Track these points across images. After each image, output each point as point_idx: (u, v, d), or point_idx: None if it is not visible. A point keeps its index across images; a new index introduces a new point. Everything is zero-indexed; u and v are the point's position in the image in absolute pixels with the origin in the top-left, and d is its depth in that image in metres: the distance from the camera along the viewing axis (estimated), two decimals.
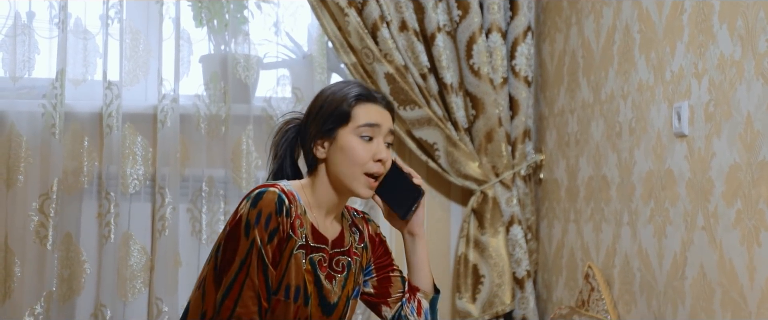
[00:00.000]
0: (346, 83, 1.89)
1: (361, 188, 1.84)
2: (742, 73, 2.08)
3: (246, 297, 1.71)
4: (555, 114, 3.31)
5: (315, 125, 1.85)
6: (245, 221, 1.73)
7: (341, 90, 1.86)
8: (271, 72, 3.40)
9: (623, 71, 2.72)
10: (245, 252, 1.71)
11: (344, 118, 1.83)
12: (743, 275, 2.05)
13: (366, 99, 1.85)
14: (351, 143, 1.82)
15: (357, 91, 1.85)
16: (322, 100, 1.87)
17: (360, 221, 2.01)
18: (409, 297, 1.99)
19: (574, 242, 3.07)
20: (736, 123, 2.09)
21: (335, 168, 1.84)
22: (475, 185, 3.32)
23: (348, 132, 1.82)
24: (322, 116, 1.84)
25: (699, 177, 2.25)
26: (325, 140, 1.84)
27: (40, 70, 3.21)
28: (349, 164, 1.82)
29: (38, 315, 3.10)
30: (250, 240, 1.71)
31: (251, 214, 1.73)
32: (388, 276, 2.02)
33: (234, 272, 1.71)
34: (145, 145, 3.24)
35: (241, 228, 1.73)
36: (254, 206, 1.73)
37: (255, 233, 1.71)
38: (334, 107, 1.84)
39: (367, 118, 1.83)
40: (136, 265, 3.20)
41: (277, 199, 1.74)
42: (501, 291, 3.28)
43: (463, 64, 3.29)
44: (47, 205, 3.12)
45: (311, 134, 1.86)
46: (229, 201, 3.27)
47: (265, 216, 1.72)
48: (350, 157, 1.82)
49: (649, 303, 2.50)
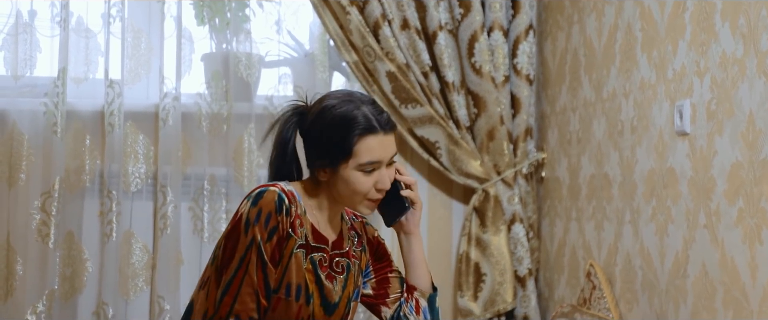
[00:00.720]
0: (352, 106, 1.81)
1: (363, 209, 1.88)
2: (744, 72, 2.08)
3: (244, 294, 1.72)
4: (557, 112, 3.30)
5: (315, 152, 1.83)
6: (245, 219, 1.73)
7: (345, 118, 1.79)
8: (272, 70, 3.40)
9: (625, 69, 2.71)
10: (244, 249, 1.72)
11: (346, 154, 1.80)
12: (745, 273, 2.05)
13: (369, 131, 1.80)
14: (352, 177, 1.82)
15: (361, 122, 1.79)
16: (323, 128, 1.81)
17: (358, 225, 2.01)
18: (407, 296, 1.99)
19: (575, 240, 3.07)
20: (738, 121, 2.09)
21: (338, 192, 1.85)
22: (477, 184, 3.32)
23: (350, 168, 1.81)
24: (323, 146, 1.81)
25: (701, 175, 2.25)
26: (326, 169, 1.84)
27: (41, 68, 3.21)
28: (351, 193, 1.84)
29: (40, 313, 3.10)
30: (249, 238, 1.72)
31: (251, 212, 1.74)
32: (386, 276, 2.02)
33: (233, 269, 1.72)
34: (146, 143, 3.24)
35: (241, 226, 1.74)
36: (254, 204, 1.74)
37: (254, 231, 1.72)
38: (337, 141, 1.79)
39: (369, 156, 1.81)
40: (138, 263, 3.20)
41: (276, 198, 1.75)
42: (503, 289, 3.28)
43: (465, 63, 3.28)
44: (49, 203, 3.12)
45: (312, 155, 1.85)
46: (230, 200, 3.27)
47: (265, 215, 1.73)
48: (352, 189, 1.83)
49: (651, 302, 2.50)
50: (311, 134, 1.84)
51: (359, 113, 1.81)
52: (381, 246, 2.04)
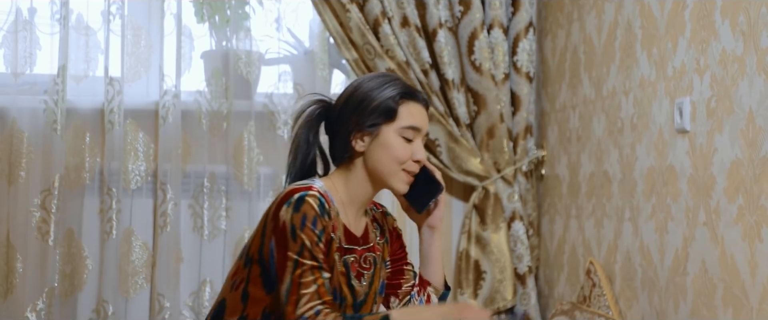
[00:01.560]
0: (387, 77, 1.86)
1: (399, 183, 1.86)
2: (743, 69, 2.08)
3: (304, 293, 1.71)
4: (556, 110, 3.30)
5: (355, 117, 1.82)
6: (290, 226, 1.72)
7: (385, 85, 1.83)
8: (272, 68, 3.40)
9: (625, 67, 2.71)
10: (297, 254, 1.71)
11: (390, 115, 1.81)
12: (745, 271, 2.05)
13: (410, 98, 1.84)
14: (394, 141, 1.82)
15: (402, 88, 1.84)
16: (364, 93, 1.83)
17: (380, 216, 2.01)
18: (420, 289, 1.99)
19: (575, 238, 3.07)
20: (738, 119, 2.09)
21: (374, 163, 1.84)
22: (477, 181, 3.32)
23: (391, 130, 1.82)
24: (364, 109, 1.82)
25: (701, 173, 2.25)
26: (365, 134, 1.83)
27: (41, 66, 3.21)
28: (390, 161, 1.82)
29: (40, 311, 3.10)
30: (299, 244, 1.71)
31: (295, 218, 1.72)
32: (401, 268, 2.02)
33: (289, 272, 1.71)
34: (146, 141, 3.24)
35: (287, 233, 1.72)
36: (297, 210, 1.72)
37: (303, 236, 1.71)
38: (380, 103, 1.81)
39: (411, 120, 1.83)
40: (138, 261, 3.20)
41: (318, 202, 1.74)
42: (502, 286, 3.28)
43: (465, 60, 3.28)
44: (49, 201, 3.12)
45: (350, 125, 1.83)
46: (230, 197, 3.27)
47: (311, 219, 1.72)
48: (392, 154, 1.82)
49: (651, 299, 2.51)
50: (351, 103, 1.84)
51: (401, 81, 1.86)
52: (400, 237, 2.04)
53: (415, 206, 1.93)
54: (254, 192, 3.28)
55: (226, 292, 1.81)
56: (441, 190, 1.92)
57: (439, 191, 1.91)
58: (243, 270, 1.79)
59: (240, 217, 3.27)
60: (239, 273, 1.80)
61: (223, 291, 1.83)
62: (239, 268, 1.80)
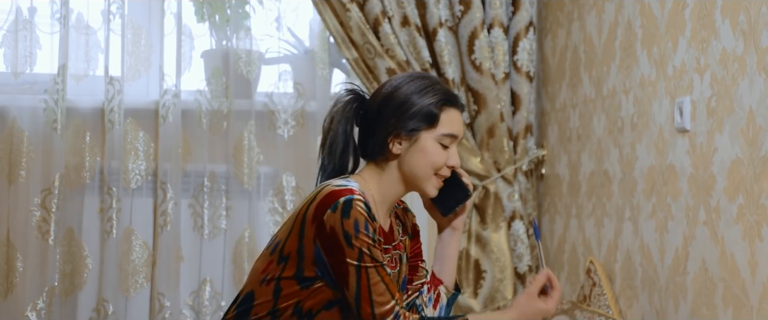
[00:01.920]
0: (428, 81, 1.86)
1: (431, 188, 1.87)
2: (744, 69, 2.08)
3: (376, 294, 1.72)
4: (557, 109, 3.30)
5: (395, 120, 1.82)
6: (343, 233, 1.72)
7: (426, 89, 1.83)
8: (272, 67, 3.40)
9: (625, 66, 2.71)
10: (357, 259, 1.72)
11: (431, 121, 1.82)
12: (745, 270, 2.05)
13: (451, 104, 1.85)
14: (431, 147, 1.83)
15: (443, 94, 1.84)
16: (405, 95, 1.83)
17: (401, 212, 2.01)
18: (431, 286, 1.99)
19: (575, 237, 3.07)
20: (738, 118, 2.09)
21: (410, 166, 1.84)
22: (477, 181, 3.32)
23: (431, 137, 1.83)
24: (404, 113, 1.82)
25: (701, 172, 2.25)
26: (403, 138, 1.83)
27: (41, 65, 3.21)
28: (426, 166, 1.83)
29: (40, 310, 3.10)
30: (356, 251, 1.72)
31: (347, 224, 1.72)
32: (417, 264, 2.03)
33: (354, 279, 1.72)
34: (146, 140, 3.24)
35: (341, 241, 1.72)
36: (348, 216, 1.72)
37: (359, 243, 1.72)
38: (421, 108, 1.82)
39: (451, 128, 1.84)
40: (138, 260, 3.20)
41: (365, 207, 1.74)
42: (503, 286, 3.28)
43: (465, 60, 3.28)
44: (49, 200, 3.13)
45: (388, 127, 1.83)
46: (230, 197, 3.27)
47: (362, 224, 1.73)
48: (429, 161, 1.83)
49: (651, 298, 2.51)
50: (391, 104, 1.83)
51: (441, 87, 1.86)
52: (418, 234, 2.04)
53: (441, 209, 1.94)
54: (254, 191, 3.28)
55: (255, 285, 1.81)
56: (469, 196, 1.93)
57: (467, 196, 1.93)
58: (276, 266, 1.78)
59: (240, 216, 3.27)
60: (271, 268, 1.79)
61: (251, 282, 1.82)
62: (272, 264, 1.79)
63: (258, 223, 3.28)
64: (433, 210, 1.97)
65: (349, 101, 1.87)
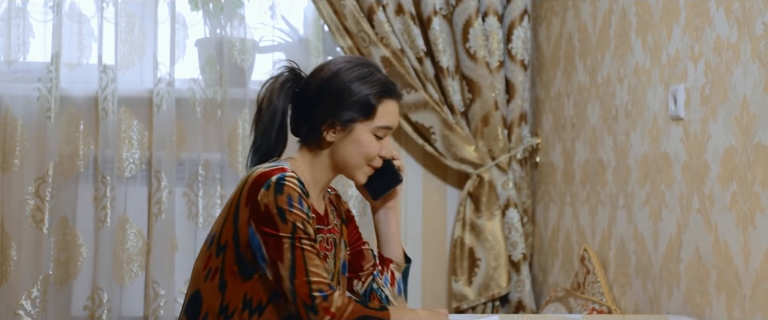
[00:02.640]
0: (367, 69, 1.83)
1: (361, 176, 1.87)
2: (738, 56, 2.08)
3: (312, 268, 1.71)
4: (551, 98, 3.31)
5: (331, 107, 1.81)
6: (277, 209, 1.71)
7: (365, 78, 1.81)
8: (266, 56, 3.39)
9: (619, 55, 2.72)
10: (291, 234, 1.71)
11: (368, 113, 1.81)
12: (738, 257, 2.06)
13: (390, 96, 1.83)
14: (366, 139, 1.82)
15: (382, 85, 1.82)
16: (343, 83, 1.81)
17: (334, 199, 2.02)
18: (382, 268, 1.99)
19: (569, 225, 3.08)
20: (732, 106, 2.09)
21: (342, 156, 1.84)
22: (471, 169, 3.32)
23: (366, 128, 1.81)
24: (341, 101, 1.80)
25: (694, 160, 2.26)
26: (337, 128, 1.82)
27: (34, 53, 3.20)
28: (358, 157, 1.83)
29: (35, 298, 3.10)
30: (290, 225, 1.71)
31: (280, 200, 1.71)
32: (360, 250, 2.03)
33: (288, 255, 1.71)
34: (140, 129, 3.24)
35: (273, 217, 1.71)
36: (281, 192, 1.72)
37: (293, 217, 1.71)
38: (358, 99, 1.80)
39: (387, 120, 1.83)
40: (133, 249, 3.20)
41: (298, 182, 1.74)
42: (497, 274, 3.29)
43: (460, 48, 3.28)
44: (43, 189, 3.12)
45: (324, 114, 1.82)
46: (225, 185, 3.27)
47: (296, 199, 1.72)
48: (362, 152, 1.82)
49: (645, 286, 2.51)
50: (329, 90, 1.81)
51: (381, 76, 1.84)
52: (353, 219, 2.04)
53: (372, 193, 1.94)
54: None
55: (200, 283, 1.78)
56: (398, 183, 1.93)
57: (396, 183, 1.93)
58: (216, 258, 1.77)
59: None
60: (212, 262, 1.77)
61: (195, 282, 1.80)
62: (211, 257, 1.78)
63: None
64: (365, 193, 1.97)
65: (287, 79, 1.85)
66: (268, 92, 1.85)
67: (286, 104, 1.84)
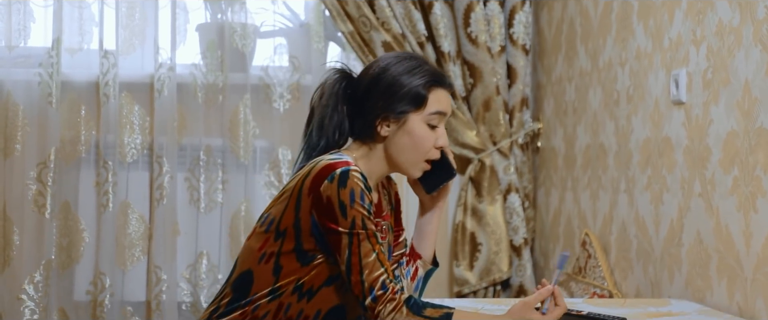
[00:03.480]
0: (416, 61, 1.85)
1: (415, 170, 1.86)
2: (740, 40, 2.07)
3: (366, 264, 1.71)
4: (553, 82, 3.30)
5: (383, 102, 1.81)
6: (339, 202, 1.71)
7: (414, 70, 1.82)
8: (268, 41, 3.39)
9: (621, 39, 2.71)
10: (349, 228, 1.72)
11: (420, 102, 1.81)
12: (739, 241, 2.07)
13: (439, 84, 1.84)
14: (420, 130, 1.82)
15: (431, 74, 1.83)
16: (393, 77, 1.82)
17: (386, 181, 2.02)
18: (409, 260, 2.00)
19: (571, 209, 3.08)
20: (734, 90, 2.09)
21: (397, 150, 1.84)
22: (473, 154, 3.32)
23: (419, 118, 1.82)
24: (393, 95, 1.81)
25: (696, 144, 2.26)
26: (392, 121, 1.83)
27: (35, 38, 3.20)
28: (414, 151, 1.83)
29: (38, 283, 3.11)
30: (349, 220, 1.71)
31: (343, 194, 1.71)
32: (398, 232, 2.03)
33: (347, 249, 1.71)
34: (142, 114, 3.24)
35: (335, 210, 1.72)
36: (344, 185, 1.72)
37: (354, 212, 1.72)
38: (409, 90, 1.80)
39: (439, 106, 1.83)
40: (135, 234, 3.21)
41: (361, 176, 1.74)
42: (498, 258, 3.30)
43: (461, 33, 3.28)
44: (45, 174, 3.13)
45: (376, 109, 1.82)
46: (226, 170, 3.27)
47: (359, 195, 1.72)
48: (417, 144, 1.82)
49: (646, 270, 2.52)
50: (379, 85, 1.83)
51: (429, 67, 1.85)
52: (399, 203, 2.04)
53: (426, 187, 1.94)
54: (250, 165, 3.28)
55: (253, 264, 1.80)
56: (453, 176, 1.92)
57: (451, 176, 1.92)
58: (273, 243, 1.78)
59: (236, 190, 3.27)
60: (269, 245, 1.79)
61: (247, 261, 1.81)
62: (268, 241, 1.79)
63: (254, 197, 3.29)
64: (418, 187, 1.97)
65: (338, 79, 1.87)
66: (319, 90, 1.87)
67: (339, 103, 1.85)
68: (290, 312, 1.77)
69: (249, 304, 1.78)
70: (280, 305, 1.77)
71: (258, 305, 1.77)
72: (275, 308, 1.76)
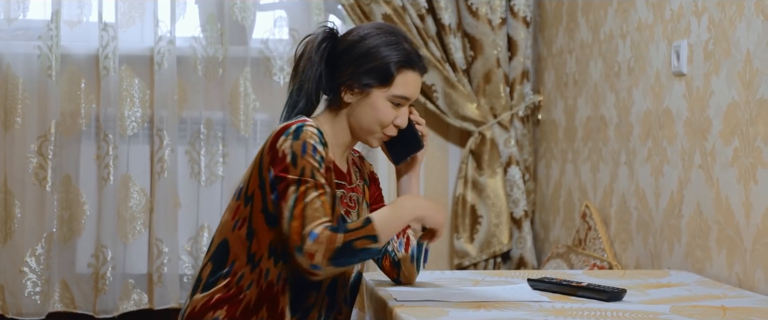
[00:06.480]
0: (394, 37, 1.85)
1: (374, 141, 1.88)
2: (742, 11, 2.07)
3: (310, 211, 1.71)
4: (553, 54, 3.29)
5: (351, 71, 1.82)
6: (291, 153, 1.74)
7: (389, 46, 1.82)
8: (268, 13, 3.37)
9: (622, 10, 2.70)
10: (298, 177, 1.73)
11: (386, 80, 1.82)
12: (739, 212, 2.07)
13: (411, 67, 1.84)
14: (381, 106, 1.83)
15: (404, 55, 1.83)
16: (367, 48, 1.83)
17: (357, 160, 2.03)
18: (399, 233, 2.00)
19: (571, 182, 3.09)
20: (735, 61, 2.09)
21: (357, 118, 1.85)
22: (473, 127, 3.32)
23: (382, 95, 1.82)
24: (362, 65, 1.82)
25: (697, 116, 2.26)
26: (355, 90, 1.84)
27: (34, 11, 3.19)
28: (372, 122, 1.84)
29: (39, 255, 3.12)
30: (299, 169, 1.73)
31: (295, 146, 1.74)
32: None
33: (291, 196, 1.72)
34: (142, 87, 3.23)
35: (286, 161, 1.74)
36: (297, 138, 1.75)
37: (304, 162, 1.73)
38: (378, 65, 1.81)
39: (405, 90, 1.83)
40: (136, 207, 3.21)
41: (317, 131, 1.76)
42: (499, 231, 3.31)
43: (461, 5, 3.26)
44: (45, 147, 3.13)
45: (344, 76, 1.84)
46: (227, 143, 3.27)
47: (310, 147, 1.74)
48: (376, 117, 1.83)
49: (646, 241, 2.53)
50: (353, 52, 1.83)
51: (407, 46, 1.84)
52: (376, 181, 2.05)
53: (393, 157, 1.94)
54: (251, 138, 3.28)
55: (227, 232, 1.82)
56: (419, 148, 1.93)
57: (417, 149, 1.93)
58: (244, 208, 1.80)
59: (237, 163, 3.27)
60: (240, 212, 1.81)
61: (222, 232, 1.84)
62: (239, 208, 1.82)
63: None
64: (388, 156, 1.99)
65: (325, 38, 1.87)
66: (303, 45, 1.87)
67: (322, 62, 1.85)
68: (270, 276, 1.79)
69: (231, 275, 1.80)
70: (260, 271, 1.79)
71: (241, 275, 1.79)
72: (257, 276, 1.79)
